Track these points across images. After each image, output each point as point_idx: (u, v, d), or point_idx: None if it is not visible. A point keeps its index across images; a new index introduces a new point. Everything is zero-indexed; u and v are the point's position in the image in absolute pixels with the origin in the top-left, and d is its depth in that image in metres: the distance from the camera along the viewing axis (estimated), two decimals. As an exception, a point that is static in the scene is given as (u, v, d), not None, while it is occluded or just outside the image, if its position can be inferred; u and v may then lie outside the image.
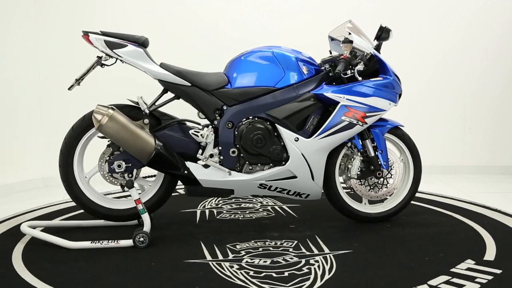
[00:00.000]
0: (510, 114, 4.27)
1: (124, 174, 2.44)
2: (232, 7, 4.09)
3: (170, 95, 2.56)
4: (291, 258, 2.20)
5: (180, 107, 2.68)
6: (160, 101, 2.54)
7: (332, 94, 2.53)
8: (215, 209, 3.06)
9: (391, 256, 2.23)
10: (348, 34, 2.56)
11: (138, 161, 2.41)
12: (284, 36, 3.99)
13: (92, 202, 2.53)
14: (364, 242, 2.41)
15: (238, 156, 2.52)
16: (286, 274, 2.02)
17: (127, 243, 2.34)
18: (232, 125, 2.51)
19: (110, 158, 2.44)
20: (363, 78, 2.58)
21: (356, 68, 2.53)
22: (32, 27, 3.81)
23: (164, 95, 2.57)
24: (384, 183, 2.71)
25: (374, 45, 2.66)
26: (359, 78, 2.56)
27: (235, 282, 1.94)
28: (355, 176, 2.66)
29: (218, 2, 4.08)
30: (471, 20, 4.17)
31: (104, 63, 2.46)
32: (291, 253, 2.26)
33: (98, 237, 2.44)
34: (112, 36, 2.41)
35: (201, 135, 2.48)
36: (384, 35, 2.60)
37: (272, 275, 2.01)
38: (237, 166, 2.53)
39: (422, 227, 2.65)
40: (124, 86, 3.53)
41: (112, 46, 2.38)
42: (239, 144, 2.50)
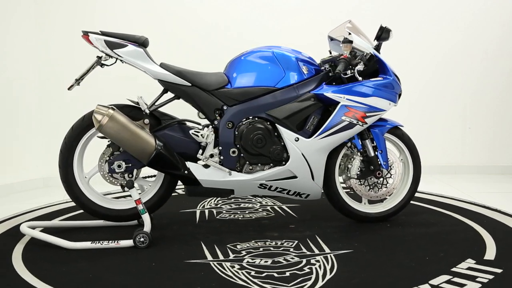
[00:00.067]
0: (510, 114, 4.27)
1: (124, 174, 2.44)
2: (232, 7, 4.09)
3: (170, 95, 2.56)
4: (292, 258, 2.20)
5: (180, 107, 2.68)
6: (160, 101, 2.54)
7: (332, 94, 2.53)
8: (214, 209, 3.06)
9: (391, 255, 2.23)
10: (348, 34, 2.56)
11: (138, 161, 2.41)
12: (284, 36, 3.99)
13: (92, 203, 2.52)
14: (364, 242, 2.41)
15: (238, 156, 2.52)
16: (288, 274, 2.02)
17: (127, 243, 2.34)
18: (232, 125, 2.51)
19: (110, 158, 2.44)
20: (363, 78, 2.58)
21: (356, 68, 2.53)
22: (32, 27, 3.81)
23: (164, 95, 2.57)
24: (383, 183, 2.71)
25: (374, 45, 2.66)
26: (359, 78, 2.56)
27: (237, 282, 1.94)
28: (355, 176, 2.66)
29: (218, 2, 4.08)
30: (471, 20, 4.17)
31: (104, 63, 2.46)
32: (292, 253, 2.26)
33: (98, 237, 2.43)
34: (112, 36, 2.40)
35: (201, 135, 2.48)
36: (384, 35, 2.60)
37: (273, 275, 2.01)
38: (237, 166, 2.53)
39: (422, 227, 2.65)
40: (124, 86, 3.52)
41: (112, 46, 2.38)
42: (239, 144, 2.50)
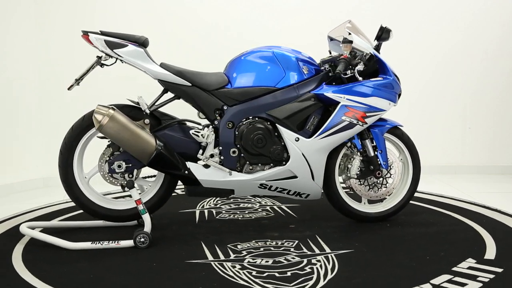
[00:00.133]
0: (510, 114, 4.27)
1: (124, 174, 2.43)
2: (232, 7, 4.09)
3: (170, 95, 2.56)
4: (293, 258, 2.20)
5: (180, 107, 2.68)
6: (160, 101, 2.54)
7: (332, 94, 2.53)
8: (214, 209, 3.06)
9: (392, 255, 2.23)
10: (348, 34, 2.56)
11: (138, 161, 2.40)
12: (284, 36, 3.99)
13: (92, 203, 2.52)
14: (365, 241, 2.41)
15: (239, 156, 2.52)
16: (289, 274, 2.02)
17: (127, 243, 2.34)
18: (233, 125, 2.51)
19: (110, 158, 2.43)
20: (363, 78, 2.58)
21: (356, 68, 2.53)
22: (32, 27, 3.81)
23: (164, 95, 2.57)
24: (383, 183, 2.71)
25: (374, 45, 2.66)
26: (359, 78, 2.56)
27: (238, 282, 1.94)
28: (355, 176, 2.66)
29: (218, 2, 4.08)
30: (471, 20, 4.17)
31: (104, 63, 2.45)
32: (292, 253, 2.26)
33: (98, 237, 2.43)
34: (112, 36, 2.40)
35: (201, 135, 2.48)
36: (384, 35, 2.60)
37: (275, 275, 2.00)
38: (237, 166, 2.53)
39: (422, 226, 2.65)
40: (124, 86, 3.52)
41: (113, 46, 2.38)
42: (239, 144, 2.50)
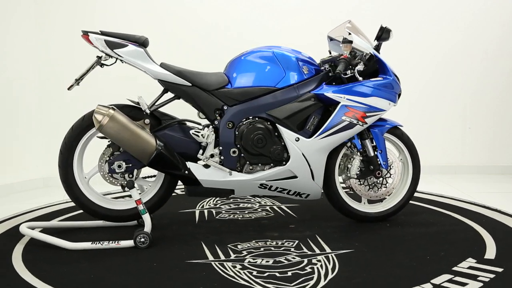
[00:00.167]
0: (510, 114, 4.27)
1: (124, 174, 2.43)
2: (232, 7, 4.09)
3: (170, 95, 2.56)
4: (293, 257, 2.20)
5: (180, 107, 2.68)
6: (160, 101, 2.54)
7: (332, 94, 2.53)
8: (213, 209, 3.06)
9: (392, 255, 2.23)
10: (347, 34, 2.56)
11: (138, 161, 2.40)
12: (284, 36, 3.99)
13: (92, 203, 2.51)
14: (365, 241, 2.41)
15: (239, 156, 2.52)
16: (290, 274, 2.02)
17: (128, 243, 2.34)
18: (233, 125, 2.51)
19: (110, 158, 2.43)
20: (363, 78, 2.58)
21: (357, 68, 2.53)
22: (32, 27, 3.81)
23: (164, 95, 2.56)
24: (383, 183, 2.71)
25: (374, 45, 2.66)
26: (359, 78, 2.56)
27: (239, 282, 1.94)
28: (355, 176, 2.66)
29: (218, 2, 4.07)
30: (471, 20, 4.17)
31: (104, 63, 2.45)
32: (293, 252, 2.26)
33: (98, 237, 2.43)
34: (112, 36, 2.40)
35: (201, 135, 2.48)
36: (384, 35, 2.60)
37: (275, 274, 2.01)
38: (237, 166, 2.53)
39: (422, 226, 2.65)
40: (124, 86, 3.52)
41: (113, 46, 2.37)
42: (239, 144, 2.50)
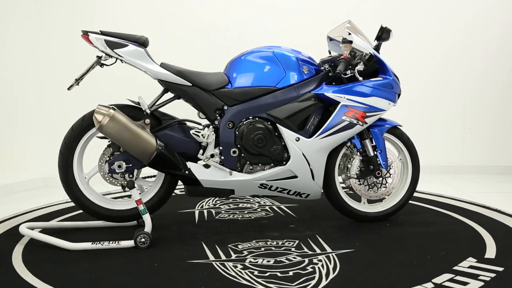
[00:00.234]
0: (510, 114, 4.27)
1: (124, 174, 2.42)
2: (232, 7, 4.09)
3: (170, 95, 2.56)
4: (294, 257, 2.20)
5: (181, 107, 2.68)
6: (160, 101, 2.54)
7: (333, 94, 2.53)
8: (213, 209, 3.05)
9: (392, 255, 2.23)
10: (347, 34, 2.56)
11: (138, 161, 2.40)
12: (284, 36, 3.99)
13: (92, 203, 2.51)
14: (365, 241, 2.41)
15: (239, 156, 2.52)
16: (291, 273, 2.02)
17: (128, 244, 2.33)
18: (233, 125, 2.51)
19: (110, 158, 2.42)
20: (363, 78, 2.58)
21: (357, 68, 2.53)
22: (32, 27, 3.80)
23: (164, 95, 2.56)
24: (383, 183, 2.71)
25: (374, 45, 2.66)
26: (360, 78, 2.56)
27: (241, 282, 1.94)
28: (355, 176, 2.66)
29: (218, 2, 4.07)
30: (471, 20, 4.17)
31: (104, 63, 2.44)
32: (293, 252, 2.26)
33: (98, 238, 2.42)
34: (112, 35, 2.39)
35: (202, 135, 2.47)
36: (384, 35, 2.60)
37: (277, 274, 2.00)
38: (237, 166, 2.52)
39: (422, 226, 2.65)
40: (124, 86, 3.52)
41: (113, 45, 2.37)
42: (240, 144, 2.50)
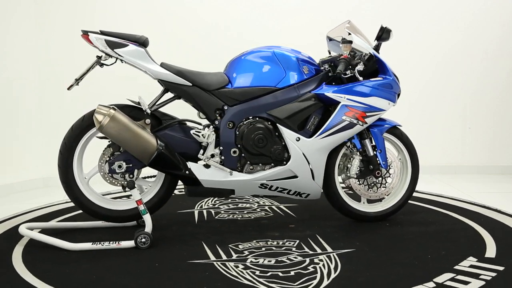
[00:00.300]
0: (510, 114, 4.27)
1: (124, 174, 2.42)
2: (232, 7, 4.09)
3: (170, 95, 2.55)
4: (295, 257, 2.20)
5: (181, 107, 2.68)
6: (160, 101, 2.53)
7: (333, 94, 2.53)
8: (212, 209, 3.05)
9: (393, 254, 2.23)
10: (347, 34, 2.56)
11: (139, 161, 2.39)
12: (284, 36, 3.99)
13: (92, 203, 2.50)
14: (365, 241, 2.41)
15: (239, 156, 2.51)
16: (292, 273, 2.01)
17: (128, 244, 2.33)
18: (233, 125, 2.51)
19: (111, 158, 2.42)
20: (363, 78, 2.58)
21: (357, 68, 2.54)
22: (32, 27, 3.80)
23: (164, 95, 2.56)
24: (382, 183, 2.71)
25: (373, 45, 2.66)
26: (360, 78, 2.56)
27: (242, 282, 1.94)
28: (354, 176, 2.66)
29: (218, 2, 4.08)
30: (471, 20, 4.18)
31: (104, 63, 2.44)
32: (294, 252, 2.26)
33: (99, 238, 2.42)
34: (112, 35, 2.39)
35: (202, 135, 2.47)
36: (384, 35, 2.60)
37: (278, 274, 2.00)
38: (238, 166, 2.52)
39: (421, 225, 2.65)
40: (124, 86, 3.52)
41: (113, 45, 2.37)
42: (240, 144, 2.50)
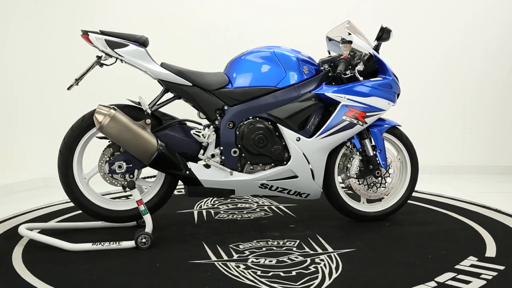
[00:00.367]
0: (510, 114, 4.27)
1: (125, 175, 2.42)
2: (232, 7, 4.09)
3: (170, 95, 2.55)
4: (296, 257, 2.20)
5: (181, 107, 2.68)
6: (160, 101, 2.53)
7: (333, 94, 2.53)
8: (212, 209, 3.05)
9: (393, 254, 2.23)
10: (347, 34, 2.57)
11: (139, 161, 2.39)
12: (284, 36, 3.99)
13: (92, 203, 2.49)
14: (366, 240, 2.41)
15: (240, 156, 2.51)
16: (294, 273, 2.01)
17: (129, 244, 2.32)
18: (233, 125, 2.51)
19: (111, 158, 2.42)
20: (363, 78, 2.58)
21: (357, 68, 2.54)
22: (32, 27, 3.80)
23: (164, 95, 2.56)
24: (382, 182, 2.71)
25: (373, 45, 2.66)
26: (360, 78, 2.56)
27: (244, 282, 1.93)
28: (354, 176, 2.66)
29: (218, 2, 4.07)
30: (471, 20, 4.18)
31: (104, 63, 2.44)
32: (295, 252, 2.26)
33: (99, 238, 2.41)
34: (112, 35, 2.38)
35: (202, 135, 2.47)
36: (384, 35, 2.60)
37: (280, 274, 2.00)
38: (238, 166, 2.52)
39: (421, 225, 2.65)
40: (124, 86, 3.52)
41: (114, 45, 2.36)
42: (240, 144, 2.50)
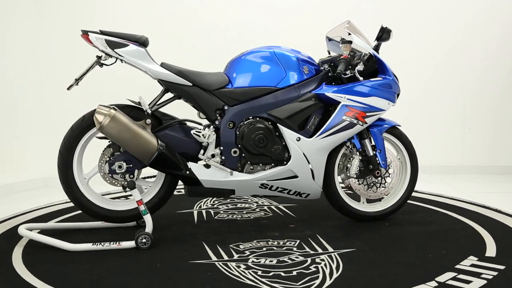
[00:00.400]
0: (510, 114, 4.28)
1: (125, 175, 2.42)
2: (232, 7, 4.09)
3: (170, 95, 2.55)
4: (297, 257, 2.20)
5: (181, 107, 2.68)
6: (160, 101, 2.53)
7: (333, 94, 2.53)
8: (211, 209, 3.05)
9: (394, 254, 2.23)
10: (347, 34, 2.57)
11: (139, 161, 2.39)
12: (284, 36, 3.99)
13: (92, 204, 2.49)
14: (366, 240, 2.41)
15: (240, 156, 2.51)
16: (295, 273, 2.01)
17: (129, 244, 2.32)
18: (234, 125, 2.51)
19: (111, 159, 2.42)
20: (363, 78, 2.59)
21: (357, 68, 2.54)
22: (32, 27, 3.80)
23: (164, 95, 2.56)
24: (382, 182, 2.71)
25: (373, 45, 2.66)
26: (360, 78, 2.56)
27: (245, 282, 1.93)
28: (354, 176, 2.66)
29: (218, 2, 4.08)
30: (471, 20, 4.18)
31: (103, 63, 2.43)
32: (295, 252, 2.26)
33: (99, 239, 2.41)
34: (112, 35, 2.38)
35: (202, 135, 2.47)
36: (384, 35, 2.60)
37: (280, 274, 2.00)
38: (238, 166, 2.52)
39: (421, 225, 2.65)
40: (124, 86, 3.52)
41: (114, 45, 2.36)
42: (240, 144, 2.50)
